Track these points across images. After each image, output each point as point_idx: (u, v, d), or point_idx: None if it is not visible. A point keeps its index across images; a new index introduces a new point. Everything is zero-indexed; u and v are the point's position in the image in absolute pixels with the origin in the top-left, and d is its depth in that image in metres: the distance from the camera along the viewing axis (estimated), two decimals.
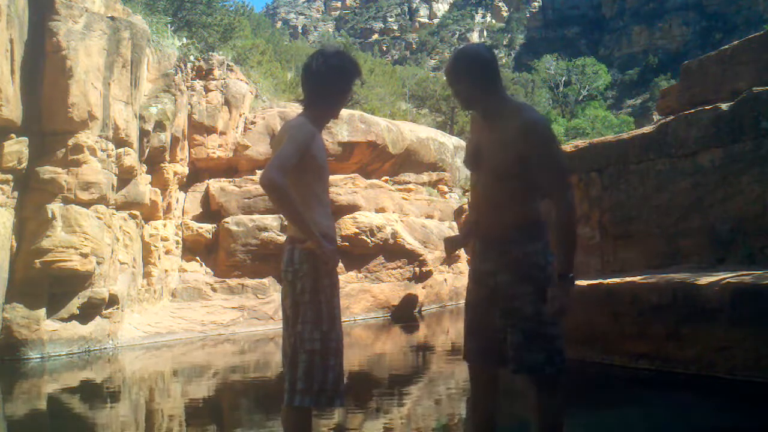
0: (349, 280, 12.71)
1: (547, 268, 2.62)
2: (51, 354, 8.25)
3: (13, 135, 8.16)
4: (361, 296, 12.74)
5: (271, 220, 11.86)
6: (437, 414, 5.23)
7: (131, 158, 9.79)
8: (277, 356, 6.71)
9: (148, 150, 10.55)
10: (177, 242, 11.73)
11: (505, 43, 75.49)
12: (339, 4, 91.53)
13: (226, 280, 11.65)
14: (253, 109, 13.32)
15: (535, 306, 2.59)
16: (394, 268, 13.44)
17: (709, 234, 6.21)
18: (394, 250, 13.32)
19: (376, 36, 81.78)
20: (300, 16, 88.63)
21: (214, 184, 12.29)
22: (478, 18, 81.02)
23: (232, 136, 12.62)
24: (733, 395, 4.85)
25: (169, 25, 13.29)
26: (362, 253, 12.94)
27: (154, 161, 10.90)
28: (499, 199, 2.61)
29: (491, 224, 2.67)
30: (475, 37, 76.56)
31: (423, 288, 13.82)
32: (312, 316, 2.70)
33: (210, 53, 13.16)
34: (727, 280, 5.16)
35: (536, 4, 79.37)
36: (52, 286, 8.36)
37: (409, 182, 15.39)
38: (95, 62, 8.89)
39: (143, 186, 10.43)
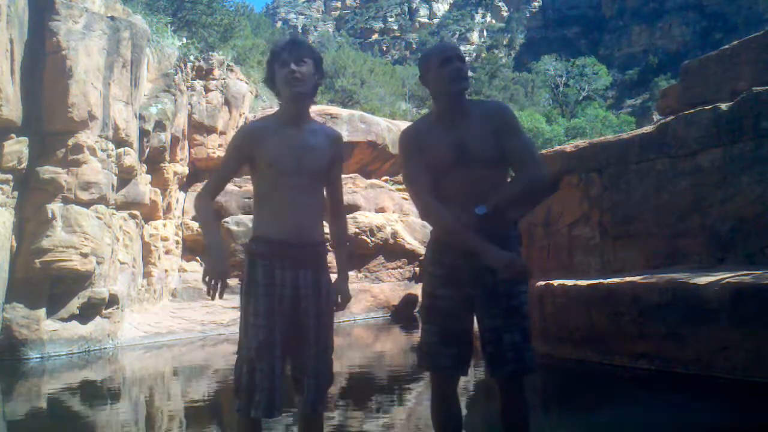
0: (348, 280, 12.70)
1: None
2: (51, 354, 8.26)
3: (13, 135, 8.17)
4: (361, 296, 12.73)
5: None
6: None
7: (131, 158, 9.79)
8: None
9: (148, 150, 10.55)
10: (177, 242, 11.74)
11: (505, 43, 75.48)
12: (339, 4, 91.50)
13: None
14: (253, 108, 13.35)
15: (527, 305, 2.62)
16: (394, 268, 13.44)
17: (709, 234, 6.21)
18: (394, 250, 13.32)
19: (376, 36, 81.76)
20: (300, 16, 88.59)
21: None
22: (478, 18, 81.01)
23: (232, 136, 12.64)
24: (733, 395, 4.85)
25: (169, 25, 13.30)
26: (362, 253, 12.94)
27: (154, 161, 10.91)
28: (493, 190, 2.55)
29: (494, 219, 2.55)
30: (475, 37, 76.60)
31: None
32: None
33: (210, 53, 13.19)
34: (727, 280, 5.16)
35: (536, 4, 79.34)
36: (52, 286, 8.37)
37: None
38: (95, 62, 8.89)
39: (143, 186, 10.44)
